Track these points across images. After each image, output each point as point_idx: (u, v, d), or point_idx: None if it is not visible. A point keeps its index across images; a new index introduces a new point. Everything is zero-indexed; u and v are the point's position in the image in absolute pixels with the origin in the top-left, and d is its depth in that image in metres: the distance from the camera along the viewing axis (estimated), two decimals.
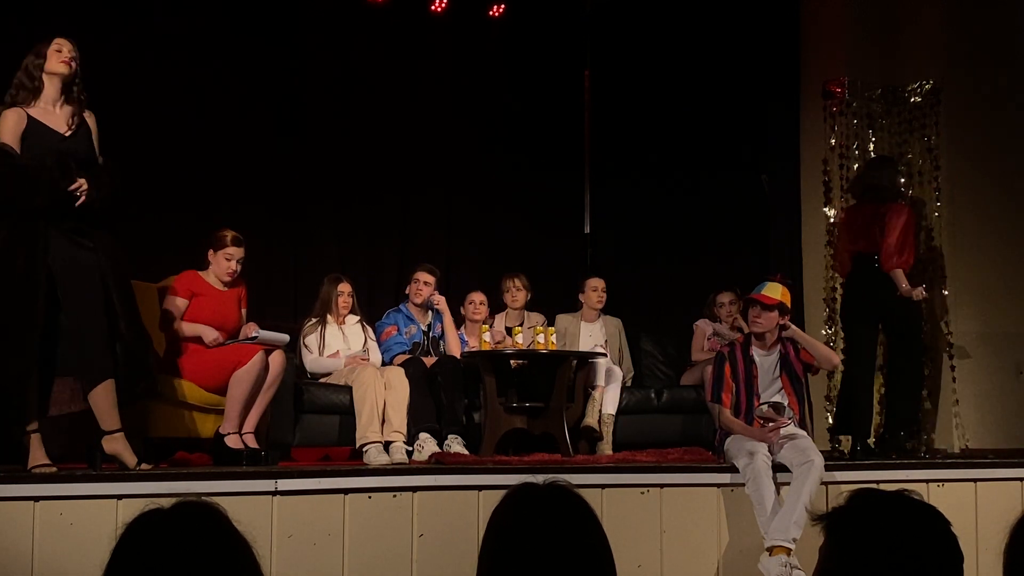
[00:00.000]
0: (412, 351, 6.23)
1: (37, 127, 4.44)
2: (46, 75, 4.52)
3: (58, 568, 3.85)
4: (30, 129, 4.43)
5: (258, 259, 6.22)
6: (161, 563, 1.55)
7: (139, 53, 6.72)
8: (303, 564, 4.20)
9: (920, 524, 1.76)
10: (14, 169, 4.33)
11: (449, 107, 7.73)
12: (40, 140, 4.42)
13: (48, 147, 4.41)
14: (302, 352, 6.09)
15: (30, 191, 4.29)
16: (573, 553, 1.74)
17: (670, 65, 8.01)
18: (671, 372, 7.12)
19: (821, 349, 5.33)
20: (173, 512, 1.61)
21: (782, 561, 4.53)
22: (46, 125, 4.47)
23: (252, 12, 7.14)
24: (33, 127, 4.43)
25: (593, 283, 6.88)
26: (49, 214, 4.32)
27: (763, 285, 5.28)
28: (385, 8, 7.56)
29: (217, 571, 1.56)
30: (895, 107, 7.31)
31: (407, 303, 6.44)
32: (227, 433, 5.07)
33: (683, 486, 4.90)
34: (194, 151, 6.83)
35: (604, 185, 8.10)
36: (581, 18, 8.07)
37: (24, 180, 4.30)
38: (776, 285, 5.28)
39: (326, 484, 4.39)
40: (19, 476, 4.07)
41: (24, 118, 4.43)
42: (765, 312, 5.17)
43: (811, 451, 4.88)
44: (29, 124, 4.43)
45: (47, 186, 4.31)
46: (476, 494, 4.53)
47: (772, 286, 5.25)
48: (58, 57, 4.53)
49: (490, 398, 5.88)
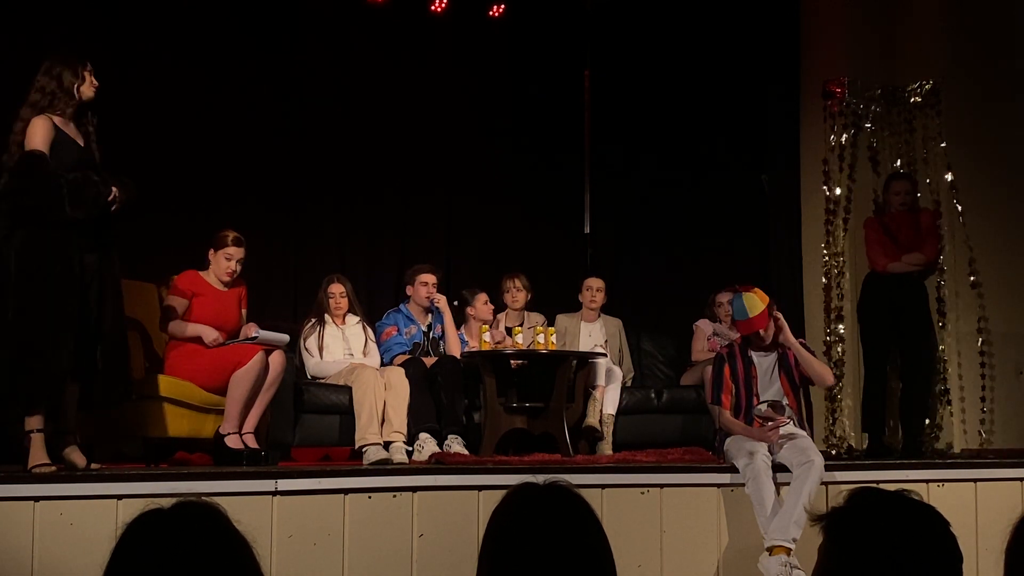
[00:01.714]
0: (412, 351, 6.23)
1: (62, 137, 4.49)
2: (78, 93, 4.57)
3: (58, 568, 3.85)
4: (57, 138, 4.47)
5: (258, 259, 6.22)
6: (161, 563, 1.55)
7: (139, 53, 6.72)
8: (303, 564, 4.19)
9: (919, 524, 1.76)
10: (46, 178, 4.37)
11: (449, 107, 7.73)
12: (65, 149, 4.47)
13: (72, 157, 4.46)
14: (303, 356, 6.09)
15: (73, 203, 4.34)
16: (573, 553, 1.74)
17: (670, 65, 8.01)
18: (671, 372, 7.13)
19: (816, 367, 5.27)
20: (173, 512, 1.61)
21: (782, 561, 4.53)
22: (67, 135, 4.52)
23: (252, 12, 7.14)
24: (59, 136, 4.48)
25: (588, 283, 6.89)
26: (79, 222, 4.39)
27: (741, 307, 5.12)
28: (385, 8, 7.56)
29: (217, 571, 1.56)
30: (895, 107, 7.31)
31: (407, 303, 6.43)
32: (227, 433, 5.08)
33: (683, 486, 4.90)
34: (194, 151, 6.83)
35: (604, 185, 8.10)
36: (581, 18, 8.06)
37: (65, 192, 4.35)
38: (751, 297, 5.12)
39: (326, 484, 4.38)
40: (19, 476, 4.07)
41: (52, 127, 4.47)
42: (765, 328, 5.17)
43: (811, 451, 4.88)
44: (56, 133, 4.47)
45: (93, 200, 4.39)
46: (476, 494, 4.53)
47: (750, 302, 5.10)
48: (91, 82, 4.60)
49: (490, 398, 5.88)
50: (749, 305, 5.11)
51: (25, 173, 4.36)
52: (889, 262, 6.37)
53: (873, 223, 6.64)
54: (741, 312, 5.15)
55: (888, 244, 6.42)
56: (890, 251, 6.39)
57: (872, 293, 6.52)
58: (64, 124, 4.51)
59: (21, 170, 4.37)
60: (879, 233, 6.49)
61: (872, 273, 6.54)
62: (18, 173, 4.37)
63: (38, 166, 4.36)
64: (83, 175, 4.41)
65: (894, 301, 6.36)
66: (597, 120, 8.11)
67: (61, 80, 4.52)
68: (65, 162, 4.42)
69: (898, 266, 6.37)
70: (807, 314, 7.42)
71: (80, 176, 4.40)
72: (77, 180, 4.38)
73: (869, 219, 6.81)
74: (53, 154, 4.41)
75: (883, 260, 6.40)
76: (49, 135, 4.42)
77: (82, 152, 4.53)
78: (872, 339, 6.54)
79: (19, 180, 4.37)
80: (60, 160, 4.41)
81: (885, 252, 6.40)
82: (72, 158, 4.45)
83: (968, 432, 6.84)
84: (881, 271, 6.42)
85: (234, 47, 7.09)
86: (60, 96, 4.51)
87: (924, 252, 6.40)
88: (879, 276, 6.45)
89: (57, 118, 4.49)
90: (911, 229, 6.47)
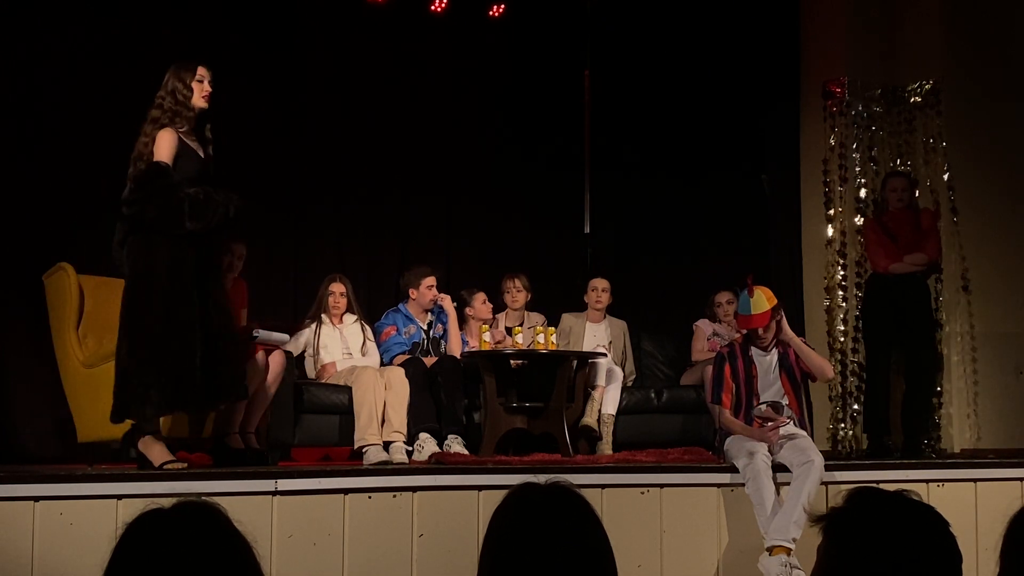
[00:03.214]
0: (412, 351, 6.23)
1: (184, 149, 4.64)
2: (192, 105, 4.70)
3: (58, 568, 3.86)
4: (180, 150, 4.61)
5: (258, 259, 6.22)
6: (161, 563, 1.55)
7: (139, 52, 6.70)
8: (303, 564, 4.20)
9: (918, 524, 1.76)
10: (168, 191, 4.51)
11: (449, 107, 7.72)
12: (188, 161, 4.62)
13: (194, 168, 4.63)
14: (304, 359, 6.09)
15: (193, 218, 4.50)
16: (574, 553, 1.74)
17: (670, 65, 8.00)
18: (671, 372, 7.12)
19: (816, 360, 5.28)
20: (174, 512, 1.61)
21: (782, 561, 4.54)
22: (189, 146, 4.66)
23: (252, 12, 7.13)
24: (182, 148, 4.63)
25: (594, 283, 6.89)
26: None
27: (746, 302, 5.16)
28: (385, 8, 7.55)
29: (218, 571, 1.56)
30: (895, 107, 7.32)
31: (406, 303, 6.43)
32: (227, 433, 5.08)
33: (683, 486, 4.90)
34: None
35: (604, 185, 8.09)
36: (581, 18, 8.06)
37: (186, 208, 4.49)
38: (758, 294, 5.15)
39: (326, 484, 4.39)
40: (19, 476, 4.07)
41: (176, 140, 4.61)
42: (765, 329, 5.16)
43: (811, 451, 4.88)
44: (180, 146, 4.62)
45: (212, 216, 4.55)
46: (476, 494, 4.53)
47: (757, 300, 5.13)
48: (199, 90, 4.72)
49: (490, 398, 5.88)
50: (755, 302, 5.13)
51: (148, 184, 4.52)
52: (891, 263, 6.36)
53: (872, 224, 6.64)
54: (745, 307, 5.17)
55: (889, 245, 6.42)
56: (891, 252, 6.38)
57: (875, 294, 6.51)
58: (187, 135, 4.66)
59: (144, 181, 4.53)
60: (879, 234, 6.48)
61: (874, 274, 6.54)
62: (141, 184, 4.54)
63: (161, 178, 4.52)
64: (205, 192, 4.57)
65: (896, 302, 6.35)
66: (597, 120, 8.10)
67: (176, 95, 4.67)
68: (188, 174, 4.59)
69: (900, 267, 6.35)
70: (807, 314, 7.42)
71: (202, 192, 4.56)
72: (199, 196, 4.54)
73: (868, 220, 6.82)
74: (177, 166, 4.57)
75: (884, 261, 6.38)
76: (173, 148, 4.58)
77: (202, 163, 4.70)
78: (874, 340, 6.54)
79: (142, 191, 4.53)
80: (183, 172, 4.58)
81: (886, 253, 6.39)
82: (194, 169, 4.63)
83: (968, 432, 6.84)
84: (883, 272, 6.40)
85: (234, 47, 7.07)
86: (177, 110, 4.65)
87: (926, 252, 6.39)
88: (881, 277, 6.43)
89: (181, 130, 4.63)
90: (911, 228, 6.46)
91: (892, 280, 6.37)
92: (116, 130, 6.42)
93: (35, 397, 6.01)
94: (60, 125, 6.33)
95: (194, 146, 4.69)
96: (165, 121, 4.62)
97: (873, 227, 6.59)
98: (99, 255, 6.09)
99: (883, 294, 6.41)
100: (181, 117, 4.66)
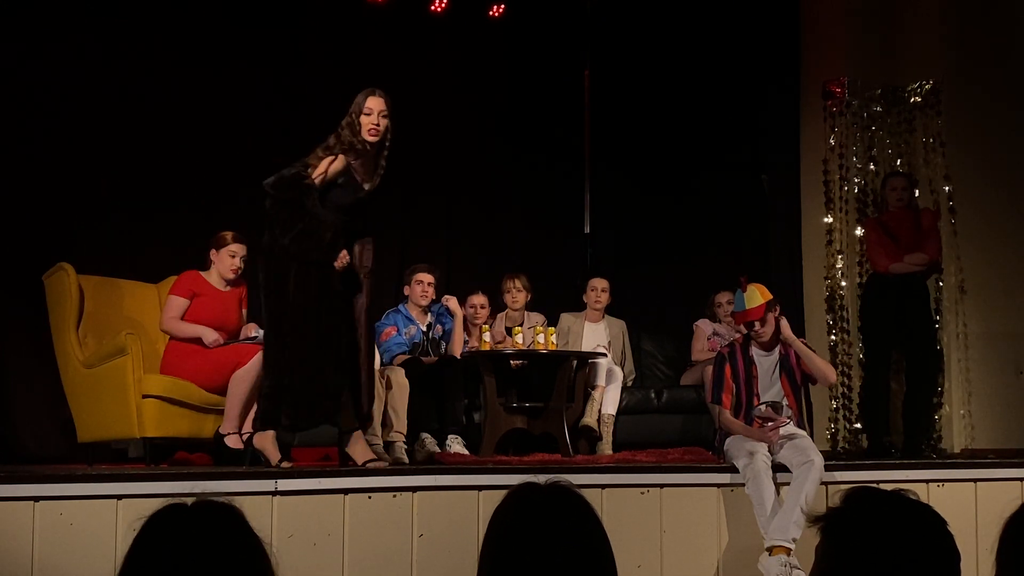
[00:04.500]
0: (412, 351, 6.23)
1: (348, 180, 4.72)
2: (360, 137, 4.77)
3: (58, 568, 3.85)
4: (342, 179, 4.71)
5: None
6: (181, 557, 1.56)
7: (139, 52, 6.71)
8: (303, 564, 4.19)
9: (916, 524, 1.76)
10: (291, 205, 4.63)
11: (449, 107, 7.72)
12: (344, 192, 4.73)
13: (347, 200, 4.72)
14: None
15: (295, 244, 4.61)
16: (574, 553, 1.74)
17: (670, 65, 8.00)
18: (671, 372, 7.13)
19: (818, 363, 5.27)
20: (194, 509, 1.62)
21: (782, 561, 4.54)
22: (354, 178, 4.74)
23: (252, 12, 7.13)
24: (347, 179, 4.72)
25: (593, 283, 6.89)
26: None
27: (740, 299, 5.19)
28: (385, 8, 7.55)
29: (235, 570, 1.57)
30: (895, 107, 7.31)
31: (406, 304, 6.43)
32: (227, 433, 5.08)
33: (683, 486, 4.90)
34: (194, 151, 6.81)
35: (604, 185, 8.09)
36: (581, 18, 8.06)
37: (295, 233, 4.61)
38: (751, 289, 5.17)
39: (326, 484, 4.39)
40: (19, 476, 4.07)
41: (342, 168, 4.70)
42: (761, 323, 5.17)
43: (811, 451, 4.88)
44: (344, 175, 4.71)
45: (309, 251, 4.62)
46: (476, 494, 4.53)
47: (750, 294, 5.15)
48: (367, 124, 4.75)
49: (490, 398, 5.88)
50: (748, 296, 5.15)
51: (286, 189, 4.64)
52: (891, 263, 6.35)
53: (872, 224, 6.64)
54: (740, 303, 5.19)
55: (889, 245, 6.41)
56: (891, 251, 6.38)
57: (875, 294, 6.51)
58: (360, 166, 4.73)
59: (284, 185, 4.65)
60: (879, 234, 6.48)
61: (874, 274, 6.53)
62: (280, 186, 4.66)
63: (296, 191, 4.63)
64: (317, 230, 4.61)
65: (897, 302, 6.35)
66: (597, 120, 8.10)
67: (352, 128, 4.75)
68: (340, 203, 4.68)
69: (900, 266, 6.35)
70: (807, 314, 7.42)
71: (313, 227, 4.60)
72: (306, 230, 4.60)
73: (868, 220, 6.82)
74: (331, 192, 4.67)
75: (885, 261, 6.37)
76: (331, 173, 4.67)
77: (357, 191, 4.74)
78: (874, 340, 6.53)
79: (275, 189, 4.66)
80: (336, 199, 4.68)
81: (887, 253, 6.39)
82: (346, 201, 4.71)
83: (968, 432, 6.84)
84: (883, 272, 6.39)
85: (234, 46, 7.08)
86: (351, 142, 4.72)
87: (926, 252, 6.39)
88: (881, 277, 6.43)
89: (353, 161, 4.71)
90: (911, 228, 6.46)
91: (892, 280, 6.37)
92: (116, 130, 6.50)
93: (35, 397, 6.02)
94: (60, 125, 6.33)
95: (361, 177, 4.75)
96: (337, 151, 4.70)
97: (873, 227, 6.59)
98: (99, 255, 6.12)
99: (883, 294, 6.41)
100: (353, 151, 4.72)
